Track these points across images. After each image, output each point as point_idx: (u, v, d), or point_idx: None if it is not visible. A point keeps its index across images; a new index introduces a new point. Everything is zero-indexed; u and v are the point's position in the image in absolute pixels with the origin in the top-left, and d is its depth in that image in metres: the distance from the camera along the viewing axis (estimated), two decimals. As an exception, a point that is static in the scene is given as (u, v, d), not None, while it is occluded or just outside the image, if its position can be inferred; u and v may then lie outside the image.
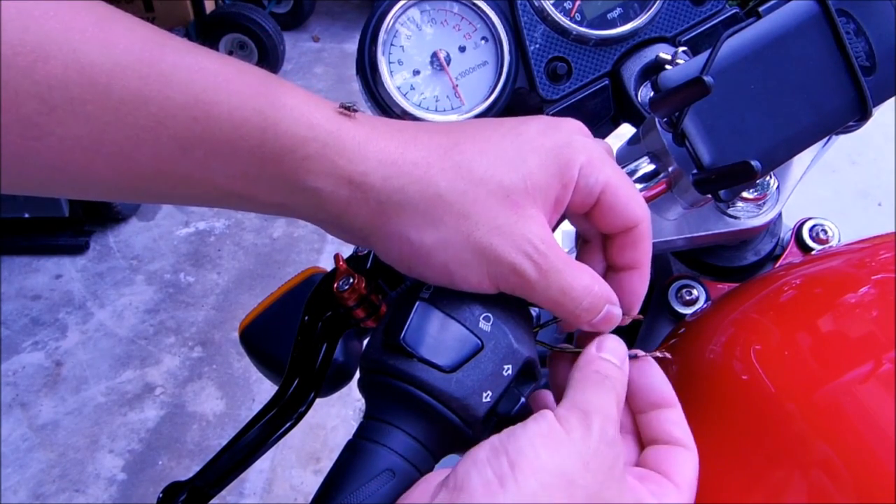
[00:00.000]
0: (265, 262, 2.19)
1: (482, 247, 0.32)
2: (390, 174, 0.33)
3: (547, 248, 0.33)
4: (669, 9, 0.54)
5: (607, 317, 0.35)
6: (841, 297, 0.41)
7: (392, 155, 0.33)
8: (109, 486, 1.59)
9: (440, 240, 0.33)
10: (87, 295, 2.06)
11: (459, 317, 0.33)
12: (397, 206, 0.33)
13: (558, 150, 0.34)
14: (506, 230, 0.32)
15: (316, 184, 0.32)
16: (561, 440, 0.29)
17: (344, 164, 0.32)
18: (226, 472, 0.38)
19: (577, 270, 0.34)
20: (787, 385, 0.36)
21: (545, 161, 0.34)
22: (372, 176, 0.32)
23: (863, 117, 0.44)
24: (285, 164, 0.32)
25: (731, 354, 0.40)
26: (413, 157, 0.33)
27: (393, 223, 0.33)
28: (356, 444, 0.32)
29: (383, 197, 0.33)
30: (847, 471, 0.32)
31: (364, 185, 0.32)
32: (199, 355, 1.89)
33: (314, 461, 1.64)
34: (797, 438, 0.34)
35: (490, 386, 0.32)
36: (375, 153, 0.33)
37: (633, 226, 0.35)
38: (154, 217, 2.36)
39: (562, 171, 0.34)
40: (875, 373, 0.34)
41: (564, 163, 0.34)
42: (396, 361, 0.32)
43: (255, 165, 0.32)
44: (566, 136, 0.35)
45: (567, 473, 0.28)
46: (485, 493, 0.28)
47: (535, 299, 0.34)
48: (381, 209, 0.33)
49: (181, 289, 2.09)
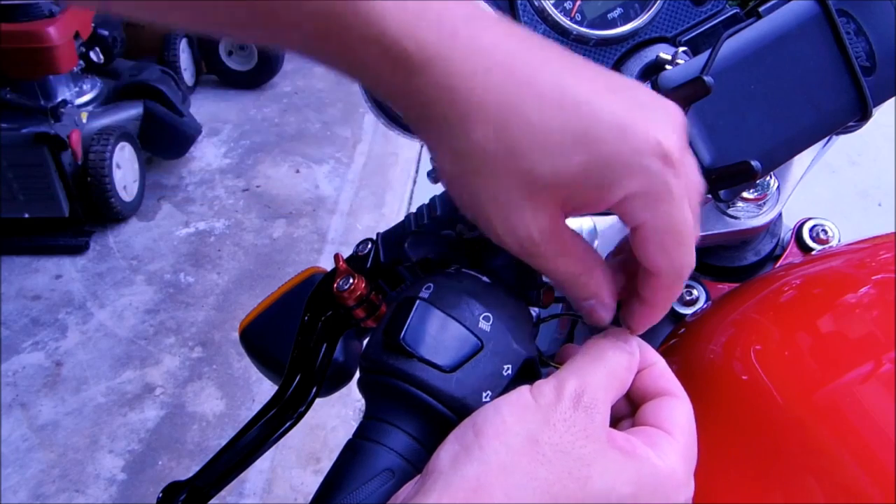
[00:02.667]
0: (265, 263, 2.19)
1: (478, 205, 0.32)
2: (441, 99, 0.30)
3: (541, 238, 0.32)
4: (669, 9, 0.54)
5: (588, 308, 0.35)
6: (841, 297, 0.41)
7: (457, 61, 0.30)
8: (109, 487, 1.59)
9: (451, 172, 0.32)
10: (87, 295, 2.06)
11: (459, 316, 0.33)
12: (434, 127, 0.31)
13: (617, 163, 0.30)
14: (506, 209, 0.31)
15: (374, 83, 0.32)
16: (527, 404, 0.29)
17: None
18: (226, 472, 0.38)
19: (569, 258, 0.33)
20: (787, 385, 0.36)
21: (594, 168, 0.30)
22: (425, 93, 0.30)
23: (863, 117, 0.44)
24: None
25: (731, 354, 0.40)
26: (469, 93, 0.30)
27: (428, 136, 0.32)
28: (356, 443, 0.32)
29: (426, 114, 0.31)
30: (847, 471, 0.32)
31: (415, 98, 0.31)
32: (199, 355, 1.89)
33: (314, 461, 1.64)
34: (797, 438, 0.34)
35: (490, 386, 0.32)
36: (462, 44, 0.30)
37: (654, 274, 0.33)
38: (154, 217, 2.36)
39: (605, 186, 0.30)
40: (875, 373, 0.34)
41: (612, 182, 0.30)
42: (396, 361, 0.32)
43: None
44: (636, 154, 0.30)
45: (530, 432, 0.28)
46: (452, 465, 0.28)
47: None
48: (422, 120, 0.32)
49: (181, 289, 2.09)
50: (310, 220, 2.37)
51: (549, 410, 0.29)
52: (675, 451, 0.31)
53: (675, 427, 0.32)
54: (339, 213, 2.41)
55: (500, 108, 0.30)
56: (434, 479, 0.28)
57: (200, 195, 2.47)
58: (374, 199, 2.49)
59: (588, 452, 0.28)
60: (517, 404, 0.29)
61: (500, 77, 0.30)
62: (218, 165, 2.62)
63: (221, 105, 2.95)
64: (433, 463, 0.29)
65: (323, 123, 2.89)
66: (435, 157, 0.33)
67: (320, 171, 2.62)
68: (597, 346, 0.33)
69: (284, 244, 2.27)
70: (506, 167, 0.30)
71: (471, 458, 0.27)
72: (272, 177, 2.58)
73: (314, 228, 2.34)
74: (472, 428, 0.29)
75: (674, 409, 0.33)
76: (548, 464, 0.28)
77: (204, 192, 2.48)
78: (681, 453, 0.31)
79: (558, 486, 0.27)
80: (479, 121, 0.30)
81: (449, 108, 0.30)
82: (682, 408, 0.33)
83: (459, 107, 0.30)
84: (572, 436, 0.29)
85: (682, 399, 0.33)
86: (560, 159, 0.30)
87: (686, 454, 0.32)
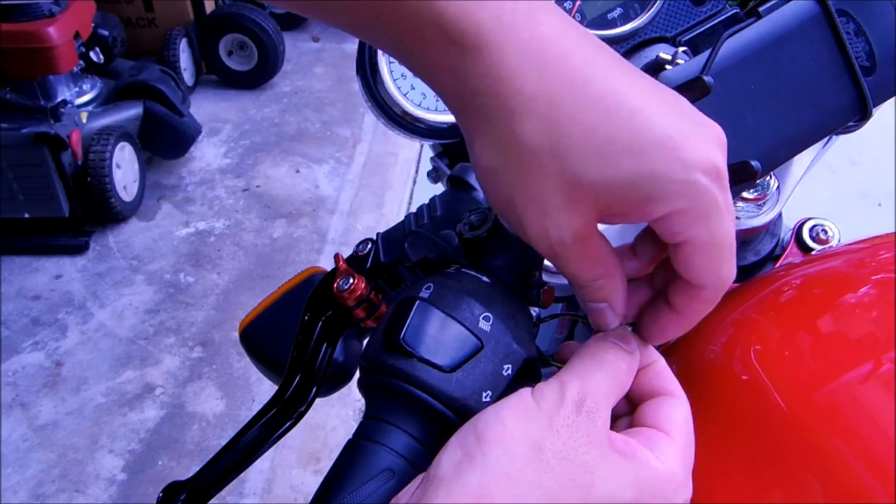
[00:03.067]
0: (265, 263, 2.19)
1: (514, 202, 0.31)
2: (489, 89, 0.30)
3: (573, 242, 0.31)
4: (669, 9, 0.54)
5: (598, 311, 0.34)
6: (841, 297, 0.41)
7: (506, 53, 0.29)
8: (109, 487, 1.59)
9: (490, 166, 0.31)
10: (87, 295, 2.06)
11: (459, 316, 0.33)
12: (478, 116, 0.31)
13: (664, 179, 0.29)
14: (543, 210, 0.30)
15: (421, 65, 0.31)
16: (529, 409, 0.29)
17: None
18: (226, 472, 0.38)
19: (593, 262, 0.32)
20: (787, 385, 0.36)
21: (642, 180, 0.29)
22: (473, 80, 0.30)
23: (863, 117, 0.44)
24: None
25: (731, 354, 0.40)
26: (520, 86, 0.29)
27: (469, 125, 0.31)
28: (356, 443, 0.32)
29: (472, 103, 0.30)
30: (847, 470, 0.32)
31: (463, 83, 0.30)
32: (199, 355, 1.89)
33: (314, 461, 1.64)
34: (797, 438, 0.34)
35: (489, 386, 0.32)
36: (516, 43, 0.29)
37: (699, 288, 0.33)
38: (154, 217, 2.36)
39: (650, 200, 0.30)
40: (875, 373, 0.34)
41: (658, 196, 0.29)
42: (396, 361, 0.32)
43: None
44: (684, 171, 0.29)
45: (534, 439, 0.28)
46: (454, 473, 0.27)
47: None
48: (466, 108, 0.31)
49: (181, 289, 2.09)
50: (310, 220, 2.37)
51: (552, 415, 0.29)
52: (674, 451, 0.31)
53: (674, 427, 0.32)
54: (339, 213, 2.41)
55: (552, 107, 0.29)
56: (436, 485, 0.27)
57: (200, 195, 2.47)
58: (374, 199, 2.49)
59: (591, 459, 0.28)
60: (519, 408, 0.29)
61: (554, 75, 0.29)
62: (218, 165, 2.62)
63: (221, 105, 2.95)
64: (435, 468, 0.28)
65: (323, 123, 2.89)
66: (473, 148, 0.32)
67: (320, 171, 2.62)
68: (598, 348, 0.33)
69: (284, 244, 2.27)
70: (550, 167, 0.30)
71: (473, 466, 0.27)
72: (272, 177, 2.58)
73: (314, 228, 2.34)
74: (474, 433, 0.28)
75: (672, 409, 0.33)
76: (551, 471, 0.27)
77: (204, 192, 2.48)
78: (679, 454, 0.31)
79: (562, 495, 0.27)
80: (528, 116, 0.29)
81: (498, 99, 0.30)
82: (680, 408, 0.33)
83: (510, 99, 0.29)
84: (575, 442, 0.28)
85: (681, 399, 0.33)
86: (608, 166, 0.29)
87: (685, 454, 0.31)
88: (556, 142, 0.29)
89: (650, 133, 0.29)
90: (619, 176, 0.29)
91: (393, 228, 0.43)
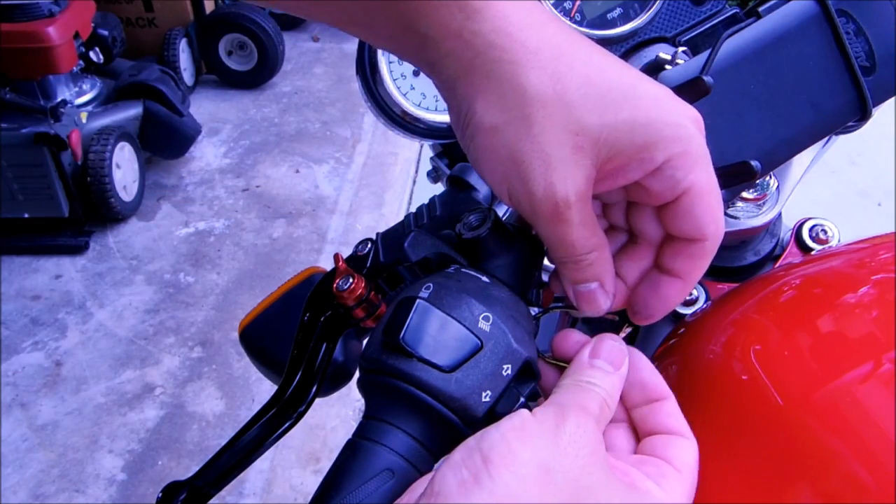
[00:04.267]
0: (265, 262, 2.19)
1: (520, 158, 0.32)
2: (496, 44, 0.32)
3: (575, 200, 0.32)
4: (669, 9, 0.54)
5: (589, 294, 0.35)
6: (841, 297, 0.41)
7: (508, 27, 0.32)
8: (109, 487, 1.59)
9: (494, 123, 0.32)
10: (86, 295, 2.06)
11: (459, 316, 0.33)
12: (482, 75, 0.32)
13: (660, 123, 0.31)
14: (549, 162, 0.31)
15: (428, 31, 0.32)
16: (533, 430, 0.29)
17: (461, 17, 0.32)
18: (225, 472, 0.38)
19: (589, 230, 0.33)
20: (787, 385, 0.36)
21: (639, 126, 0.31)
22: (480, 37, 0.32)
23: (863, 117, 0.44)
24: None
25: (731, 354, 0.40)
26: (525, 40, 0.32)
27: (472, 86, 0.33)
28: (355, 443, 0.32)
29: (477, 62, 0.32)
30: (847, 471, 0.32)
31: (469, 42, 0.32)
32: (199, 355, 1.89)
33: (314, 461, 1.64)
34: (797, 438, 0.34)
35: (489, 386, 0.32)
36: (498, 18, 0.32)
37: (701, 240, 0.34)
38: (154, 217, 2.36)
39: (648, 146, 0.31)
40: (875, 373, 0.34)
41: (656, 140, 0.31)
42: (396, 361, 0.32)
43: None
44: (676, 117, 0.32)
45: (542, 461, 0.28)
46: (461, 493, 0.27)
47: (536, 228, 0.34)
48: (470, 69, 0.32)
49: (181, 289, 2.09)
50: (309, 220, 2.37)
51: (556, 436, 0.29)
52: (682, 488, 0.31)
53: (685, 466, 0.32)
54: (339, 213, 2.41)
55: (554, 59, 0.32)
56: (442, 502, 0.27)
57: (200, 195, 2.47)
58: (374, 199, 2.49)
59: (595, 481, 0.28)
60: (521, 429, 0.29)
61: (553, 30, 0.32)
62: (218, 165, 2.62)
63: (221, 105, 2.95)
64: (439, 483, 0.28)
65: (322, 123, 2.89)
66: (476, 109, 0.33)
67: (320, 171, 2.62)
68: (588, 372, 0.33)
69: (284, 244, 2.27)
70: (556, 115, 0.31)
71: (481, 488, 0.27)
72: (272, 177, 2.58)
73: (314, 228, 2.34)
74: (479, 454, 0.28)
75: (685, 448, 0.33)
76: (558, 493, 0.27)
77: (204, 192, 2.48)
78: (686, 492, 0.31)
79: None
80: (533, 66, 0.31)
81: (503, 52, 0.31)
82: (691, 449, 0.33)
83: (516, 52, 0.31)
84: (582, 461, 0.29)
85: (692, 441, 0.34)
86: (609, 111, 0.31)
87: (690, 494, 0.32)
88: (559, 90, 0.31)
89: (643, 88, 0.32)
90: (619, 120, 0.31)
91: (392, 228, 0.43)
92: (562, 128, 0.31)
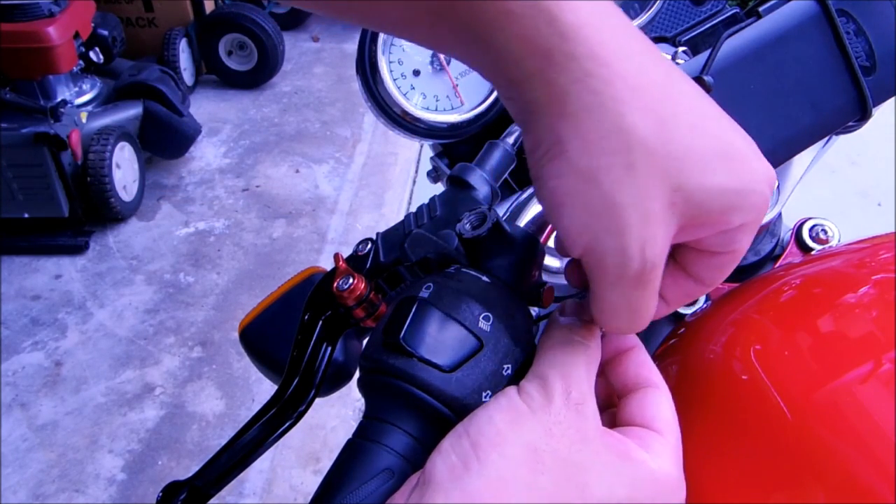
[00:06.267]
0: (265, 262, 2.19)
1: (617, 210, 0.28)
2: (594, 73, 0.27)
3: (660, 262, 0.29)
4: (669, 9, 0.54)
5: (610, 331, 0.34)
6: (841, 297, 0.41)
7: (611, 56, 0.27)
8: (109, 486, 1.59)
9: (590, 167, 0.28)
10: (86, 295, 2.06)
11: (459, 316, 0.33)
12: (580, 108, 0.27)
13: (747, 190, 0.29)
14: (648, 217, 0.28)
15: (507, 45, 0.28)
16: (520, 411, 0.29)
17: (550, 33, 0.27)
18: (225, 472, 0.38)
19: (655, 301, 0.31)
20: (787, 385, 0.36)
21: (730, 191, 0.29)
22: (575, 62, 0.27)
23: (863, 117, 0.44)
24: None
25: (731, 354, 0.40)
26: (625, 73, 0.27)
27: (564, 119, 0.28)
28: (355, 443, 0.32)
29: (572, 91, 0.27)
30: (847, 471, 0.32)
31: (562, 67, 0.27)
32: (199, 355, 1.89)
33: (314, 461, 1.64)
34: (797, 438, 0.34)
35: (489, 385, 0.32)
36: (595, 44, 0.27)
37: (732, 253, 0.33)
38: (154, 217, 2.36)
39: (732, 210, 0.29)
40: (875, 373, 0.34)
41: (741, 206, 0.29)
42: (396, 361, 0.32)
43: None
44: (761, 184, 0.30)
45: (530, 443, 0.28)
46: (451, 479, 0.27)
47: (601, 289, 0.30)
48: (565, 99, 0.28)
49: (181, 289, 2.09)
50: (309, 220, 2.37)
51: (543, 415, 0.29)
52: (668, 451, 0.31)
53: (665, 425, 0.32)
54: (339, 213, 2.41)
55: (660, 101, 0.28)
56: (433, 489, 0.27)
57: (200, 195, 2.47)
58: (374, 199, 2.49)
59: (585, 457, 0.28)
60: (508, 410, 0.29)
61: (653, 64, 0.28)
62: (217, 165, 2.62)
63: (221, 105, 2.95)
64: (430, 472, 0.28)
65: (322, 123, 2.89)
66: (568, 148, 0.28)
67: (320, 171, 2.62)
68: (566, 334, 0.33)
69: (284, 244, 2.27)
70: (659, 167, 0.27)
71: (469, 472, 0.27)
72: (272, 177, 2.58)
73: (314, 228, 2.34)
74: (468, 438, 0.28)
75: (659, 404, 0.32)
76: (547, 472, 0.27)
77: (204, 192, 2.48)
78: (672, 453, 0.31)
79: (559, 494, 0.27)
80: (637, 107, 0.27)
81: (605, 85, 0.27)
82: (665, 401, 0.33)
83: (616, 86, 0.27)
84: (569, 439, 0.28)
85: (663, 390, 0.33)
86: (707, 174, 0.28)
87: (676, 452, 0.32)
88: (665, 139, 0.27)
89: (737, 145, 0.29)
90: (715, 183, 0.28)
91: (393, 228, 0.43)
92: (661, 180, 0.28)
